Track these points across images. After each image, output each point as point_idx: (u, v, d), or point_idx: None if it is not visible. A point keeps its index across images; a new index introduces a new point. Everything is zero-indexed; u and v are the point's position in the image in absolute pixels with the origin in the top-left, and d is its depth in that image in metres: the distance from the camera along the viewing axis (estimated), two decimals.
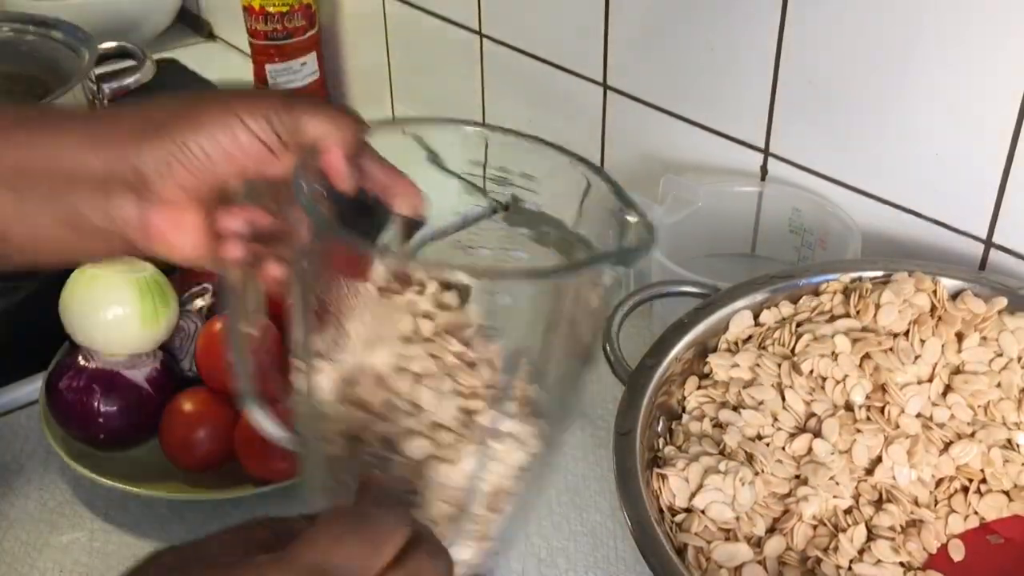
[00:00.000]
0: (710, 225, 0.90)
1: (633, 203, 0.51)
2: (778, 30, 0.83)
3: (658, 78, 0.96)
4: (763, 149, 0.90)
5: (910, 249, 0.81)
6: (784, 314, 0.71)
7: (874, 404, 0.66)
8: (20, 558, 0.74)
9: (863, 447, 0.64)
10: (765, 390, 0.67)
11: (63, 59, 1.12)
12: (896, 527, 0.63)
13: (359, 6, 1.33)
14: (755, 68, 0.87)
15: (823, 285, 0.72)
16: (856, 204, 0.84)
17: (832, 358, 0.67)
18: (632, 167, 1.02)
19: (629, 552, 0.74)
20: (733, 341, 0.71)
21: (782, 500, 0.64)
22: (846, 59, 0.80)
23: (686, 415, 0.69)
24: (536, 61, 1.07)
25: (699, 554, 0.61)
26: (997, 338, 0.68)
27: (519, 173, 0.56)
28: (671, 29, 0.92)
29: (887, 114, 0.79)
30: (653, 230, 0.49)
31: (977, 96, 0.73)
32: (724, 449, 0.65)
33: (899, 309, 0.69)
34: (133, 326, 0.79)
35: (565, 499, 0.79)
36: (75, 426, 0.79)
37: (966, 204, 0.77)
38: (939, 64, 0.74)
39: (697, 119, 0.94)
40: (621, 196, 0.52)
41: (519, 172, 0.56)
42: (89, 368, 0.79)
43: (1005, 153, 0.73)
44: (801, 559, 0.62)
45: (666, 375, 0.68)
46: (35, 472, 0.82)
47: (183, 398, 0.79)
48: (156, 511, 0.78)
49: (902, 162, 0.80)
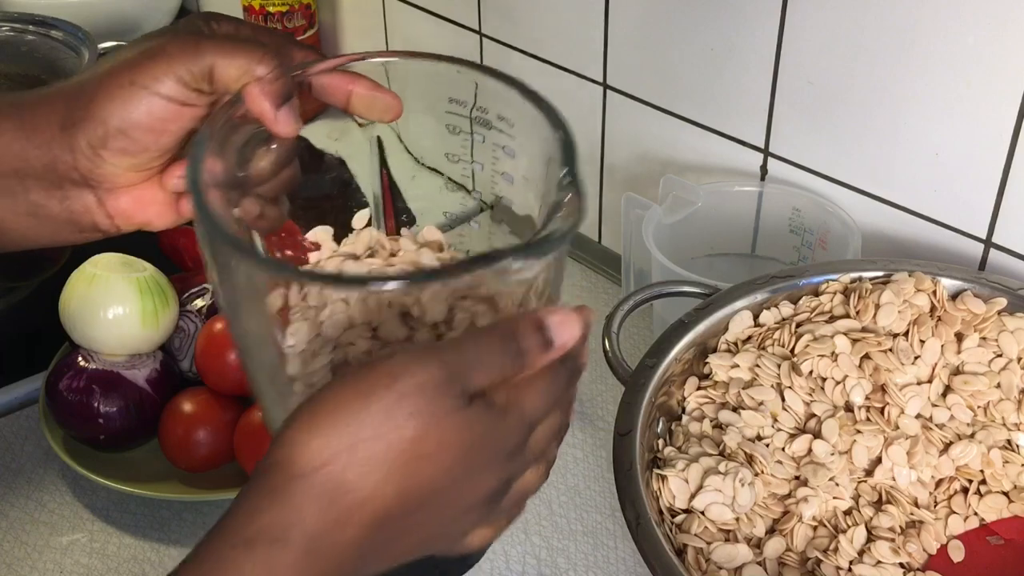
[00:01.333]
0: (710, 225, 0.90)
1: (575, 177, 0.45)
2: (778, 30, 0.83)
3: (658, 78, 0.96)
4: (763, 149, 0.90)
5: (910, 249, 0.81)
6: (784, 314, 0.71)
7: (874, 405, 0.66)
8: (20, 559, 0.75)
9: (863, 448, 0.64)
10: (765, 391, 0.67)
11: (63, 59, 1.12)
12: (896, 528, 0.63)
13: (359, 6, 1.33)
14: (755, 68, 0.86)
15: (823, 285, 0.72)
16: (856, 204, 0.84)
17: (832, 359, 0.67)
18: (632, 167, 1.02)
19: (629, 552, 0.75)
20: (733, 341, 0.71)
21: (782, 501, 0.64)
22: (846, 59, 0.80)
23: (686, 416, 0.69)
24: (536, 61, 1.07)
25: (699, 555, 0.61)
26: (997, 338, 0.68)
27: (496, 115, 0.52)
28: (671, 29, 0.92)
29: (887, 114, 0.79)
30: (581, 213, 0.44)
31: (977, 96, 0.73)
32: (724, 450, 0.65)
33: (899, 309, 0.69)
34: (133, 326, 0.79)
35: (565, 499, 0.79)
36: (75, 426, 0.79)
37: (966, 204, 0.77)
38: (939, 64, 0.74)
39: (697, 119, 0.94)
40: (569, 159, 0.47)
41: (496, 115, 0.52)
42: (89, 368, 0.79)
43: (1005, 153, 0.73)
44: (801, 560, 0.62)
45: (666, 375, 0.68)
46: (35, 473, 0.82)
47: (183, 398, 0.79)
48: (156, 511, 0.78)
49: (902, 162, 0.80)
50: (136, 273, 0.80)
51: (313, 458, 0.38)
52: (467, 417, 0.39)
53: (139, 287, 0.80)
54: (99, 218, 0.51)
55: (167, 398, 0.80)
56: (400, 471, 0.38)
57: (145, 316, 0.79)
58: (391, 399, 0.38)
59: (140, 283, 0.80)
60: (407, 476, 0.39)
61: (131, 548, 0.76)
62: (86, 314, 0.79)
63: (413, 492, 0.39)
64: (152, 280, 0.81)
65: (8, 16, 1.18)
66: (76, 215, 0.51)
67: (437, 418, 0.39)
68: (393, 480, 0.38)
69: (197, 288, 0.86)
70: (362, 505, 0.38)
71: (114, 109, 0.48)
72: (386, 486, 0.38)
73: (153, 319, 0.80)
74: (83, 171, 0.49)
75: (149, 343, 0.81)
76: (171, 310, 0.82)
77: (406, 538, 0.41)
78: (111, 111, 0.48)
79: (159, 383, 0.80)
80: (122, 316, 0.79)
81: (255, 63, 0.48)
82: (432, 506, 0.40)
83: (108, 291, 0.79)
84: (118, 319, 0.79)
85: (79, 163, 0.49)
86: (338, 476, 0.38)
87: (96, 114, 0.48)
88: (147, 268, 0.81)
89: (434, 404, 0.39)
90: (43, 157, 0.49)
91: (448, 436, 0.39)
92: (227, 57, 0.48)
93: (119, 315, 0.79)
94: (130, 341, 0.80)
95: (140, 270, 0.81)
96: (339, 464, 0.38)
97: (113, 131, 0.48)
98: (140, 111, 0.48)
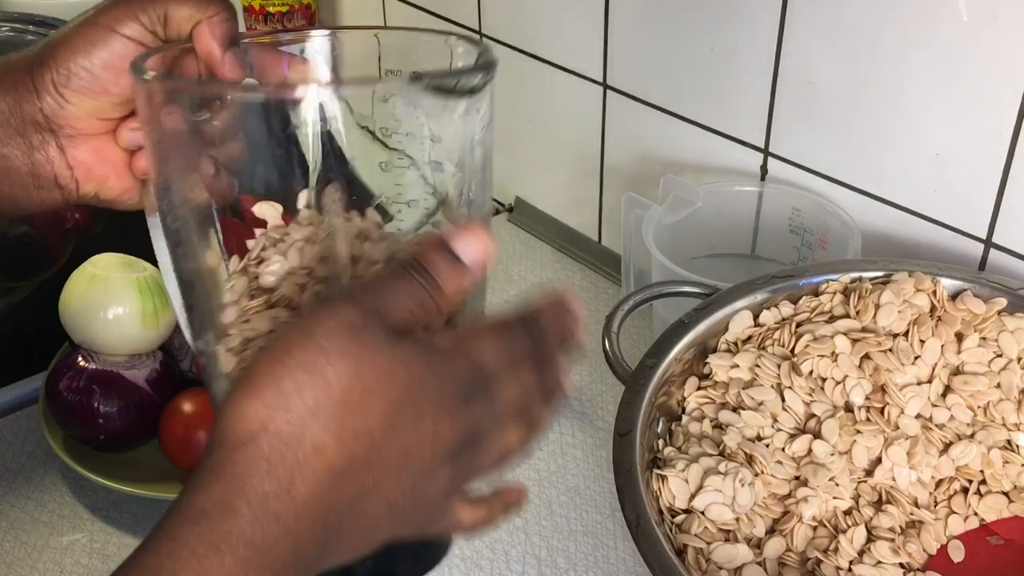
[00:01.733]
0: (710, 225, 0.90)
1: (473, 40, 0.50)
2: (778, 30, 0.83)
3: (658, 78, 0.96)
4: (763, 149, 0.90)
5: (910, 249, 0.81)
6: (784, 314, 0.71)
7: (874, 405, 0.66)
8: (20, 559, 0.74)
9: (863, 448, 0.64)
10: (765, 391, 0.67)
11: None
12: (896, 528, 0.63)
13: (359, 6, 1.33)
14: (755, 68, 0.86)
15: (823, 285, 0.72)
16: (856, 204, 0.84)
17: (832, 359, 0.67)
18: (632, 167, 1.02)
19: (629, 552, 0.75)
20: (733, 341, 0.71)
21: (782, 501, 0.64)
22: (846, 59, 0.80)
23: (686, 416, 0.69)
24: (536, 61, 1.07)
25: (699, 555, 0.61)
26: (997, 339, 0.68)
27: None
28: (671, 29, 0.92)
29: (887, 114, 0.79)
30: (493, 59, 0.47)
31: (977, 96, 0.73)
32: (724, 450, 0.65)
33: (899, 309, 0.69)
34: (133, 326, 0.79)
35: (565, 499, 0.79)
36: (75, 426, 0.79)
37: (966, 204, 0.77)
38: (939, 64, 0.74)
39: (697, 119, 0.94)
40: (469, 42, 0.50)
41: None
42: (89, 368, 0.79)
43: (1005, 153, 0.73)
44: (801, 560, 0.62)
45: (666, 375, 0.68)
46: (35, 473, 0.82)
47: (183, 398, 0.79)
48: (156, 511, 0.78)
49: (902, 162, 0.80)
50: (136, 273, 0.80)
51: (250, 424, 0.37)
52: (399, 354, 0.39)
53: (139, 287, 0.80)
54: (60, 169, 0.54)
55: (167, 398, 0.80)
56: (338, 416, 0.37)
57: (145, 316, 0.79)
58: (312, 348, 0.37)
59: (140, 283, 0.80)
60: (347, 420, 0.37)
61: (131, 548, 0.75)
62: (86, 314, 0.79)
63: (361, 438, 0.38)
64: (152, 280, 0.81)
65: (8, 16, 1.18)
66: (38, 166, 0.54)
67: (364, 355, 0.38)
68: (332, 427, 0.37)
69: None
70: (307, 460, 0.37)
71: (78, 47, 0.52)
72: (326, 435, 0.37)
73: (153, 319, 0.80)
74: (47, 112, 0.53)
75: (149, 343, 0.81)
76: (171, 310, 0.82)
77: (370, 501, 0.39)
78: (76, 49, 0.52)
79: (159, 383, 0.80)
80: (122, 316, 0.79)
81: (204, 7, 0.53)
82: (386, 456, 0.39)
83: (108, 291, 0.79)
84: (118, 319, 0.79)
85: (44, 104, 0.53)
86: (276, 436, 0.37)
87: (61, 54, 0.52)
88: (147, 268, 0.81)
89: (357, 343, 0.38)
90: (9, 101, 0.53)
91: (381, 374, 0.38)
92: (180, 2, 0.53)
93: (119, 315, 0.79)
94: (130, 341, 0.80)
95: (140, 270, 0.81)
96: (275, 424, 0.37)
97: (77, 69, 0.52)
98: (106, 50, 0.52)
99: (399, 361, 0.38)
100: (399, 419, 0.38)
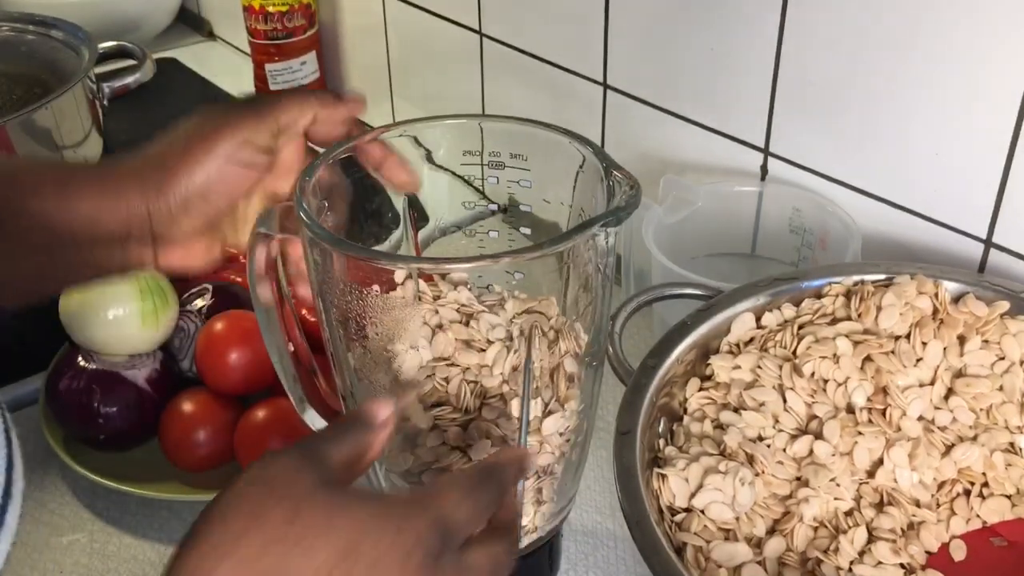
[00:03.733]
0: (710, 225, 0.90)
1: (617, 166, 0.57)
2: (778, 30, 0.83)
3: (658, 78, 0.96)
4: (763, 149, 0.90)
5: (910, 249, 0.81)
6: (786, 316, 0.71)
7: (875, 407, 0.66)
8: (20, 559, 0.74)
9: (864, 449, 0.64)
10: (766, 392, 0.67)
11: (63, 59, 1.12)
12: (897, 529, 0.62)
13: (359, 5, 1.33)
14: (755, 68, 0.86)
15: (825, 288, 0.72)
16: (856, 204, 0.84)
17: (833, 360, 0.67)
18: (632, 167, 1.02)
19: (629, 552, 0.75)
20: (735, 343, 0.71)
21: (783, 501, 0.64)
22: (846, 59, 0.80)
23: (687, 416, 0.69)
24: (536, 60, 1.07)
25: (698, 553, 0.61)
26: (999, 341, 0.68)
27: (510, 154, 0.61)
28: (671, 29, 0.92)
29: (887, 114, 0.79)
30: (638, 188, 0.55)
31: (977, 96, 0.73)
32: (725, 450, 0.65)
33: (900, 312, 0.69)
34: (133, 326, 0.79)
35: None
36: (75, 426, 0.79)
37: (966, 204, 0.77)
38: (939, 64, 0.74)
39: (697, 119, 0.94)
40: (605, 160, 0.58)
41: (509, 153, 0.61)
42: (89, 368, 0.79)
43: (1005, 153, 0.73)
44: (801, 560, 0.62)
45: (668, 376, 0.68)
46: (35, 473, 0.82)
47: (183, 398, 0.79)
48: (156, 511, 0.78)
49: (902, 162, 0.80)
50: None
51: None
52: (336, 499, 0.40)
53: (139, 287, 0.80)
54: (148, 261, 0.58)
55: (167, 398, 0.79)
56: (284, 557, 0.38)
57: (145, 316, 0.79)
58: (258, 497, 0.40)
59: (140, 283, 0.80)
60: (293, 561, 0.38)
61: (131, 548, 0.76)
62: (86, 314, 0.79)
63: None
64: (152, 280, 0.81)
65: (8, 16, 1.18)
66: (129, 265, 0.57)
67: (301, 497, 0.39)
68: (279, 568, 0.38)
69: (197, 288, 0.86)
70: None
71: (196, 174, 0.55)
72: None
73: (153, 319, 0.80)
74: (156, 233, 0.56)
75: (149, 343, 0.81)
76: (171, 310, 0.82)
77: None
78: (194, 175, 0.55)
79: (159, 383, 0.80)
80: (122, 316, 0.79)
81: (301, 106, 0.57)
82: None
83: (108, 291, 0.79)
84: (118, 319, 0.79)
85: (155, 226, 0.55)
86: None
87: (180, 180, 0.55)
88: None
89: (293, 487, 0.40)
90: (118, 222, 0.55)
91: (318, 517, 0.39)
92: (283, 105, 0.57)
93: (119, 315, 0.79)
94: (130, 341, 0.80)
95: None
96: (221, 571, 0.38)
97: (195, 197, 0.55)
98: (218, 175, 0.55)
99: (338, 506, 0.40)
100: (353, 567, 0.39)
